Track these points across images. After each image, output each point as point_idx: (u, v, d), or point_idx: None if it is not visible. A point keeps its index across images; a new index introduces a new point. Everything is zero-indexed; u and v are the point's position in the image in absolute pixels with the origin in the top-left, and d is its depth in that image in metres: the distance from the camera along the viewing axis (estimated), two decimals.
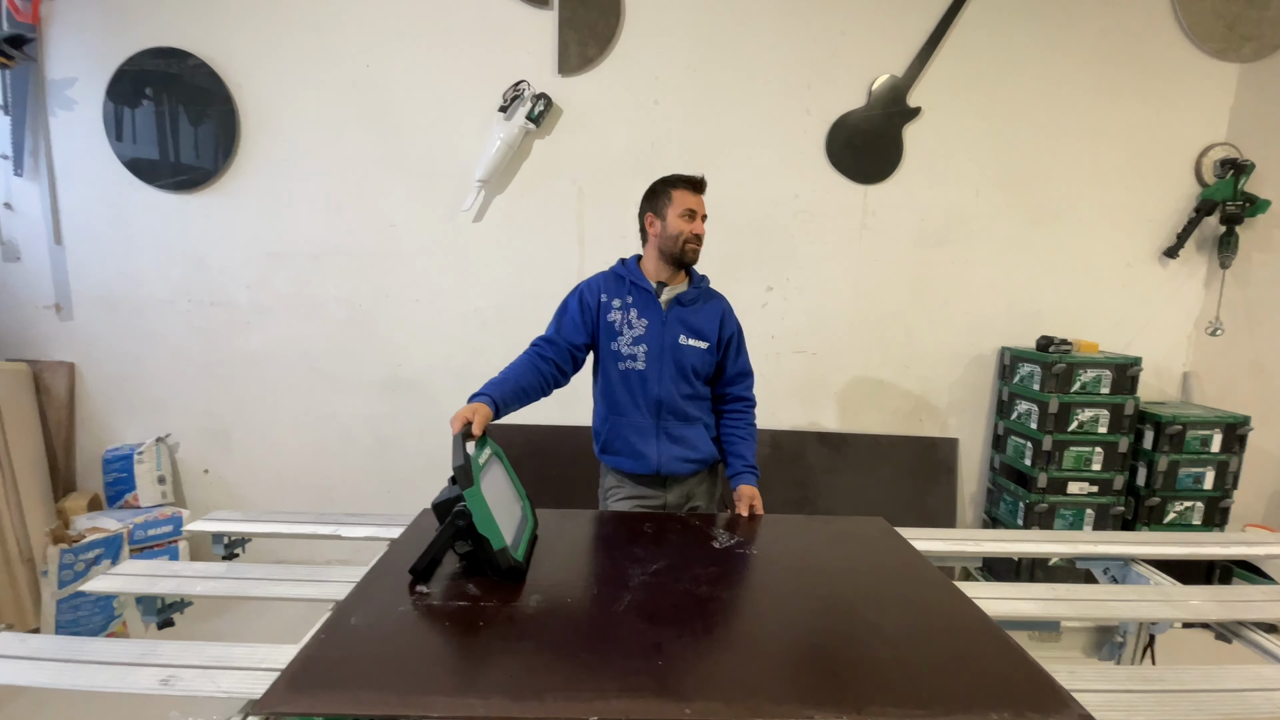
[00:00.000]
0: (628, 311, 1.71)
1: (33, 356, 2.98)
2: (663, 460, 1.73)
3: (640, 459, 1.74)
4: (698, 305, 1.75)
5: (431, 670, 1.07)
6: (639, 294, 1.72)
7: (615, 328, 1.71)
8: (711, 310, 1.76)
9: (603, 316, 1.72)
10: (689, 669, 1.07)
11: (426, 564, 1.33)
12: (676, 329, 1.70)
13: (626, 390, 1.72)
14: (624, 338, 1.70)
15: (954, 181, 2.89)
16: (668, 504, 1.80)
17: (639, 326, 1.70)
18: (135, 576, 1.42)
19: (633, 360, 1.70)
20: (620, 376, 1.72)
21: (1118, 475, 2.73)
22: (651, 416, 1.72)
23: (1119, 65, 2.83)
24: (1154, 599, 1.40)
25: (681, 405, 1.72)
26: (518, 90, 2.70)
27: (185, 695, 1.04)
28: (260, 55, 2.76)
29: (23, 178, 2.88)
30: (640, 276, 1.73)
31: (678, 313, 1.72)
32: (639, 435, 1.73)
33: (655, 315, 1.71)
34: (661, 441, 1.73)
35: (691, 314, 1.73)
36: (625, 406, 1.73)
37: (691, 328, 1.71)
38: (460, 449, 1.35)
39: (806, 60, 2.79)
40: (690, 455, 1.75)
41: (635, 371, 1.70)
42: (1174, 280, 2.98)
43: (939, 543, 1.69)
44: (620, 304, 1.72)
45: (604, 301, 1.73)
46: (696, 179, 1.72)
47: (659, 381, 1.70)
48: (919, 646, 1.15)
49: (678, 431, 1.73)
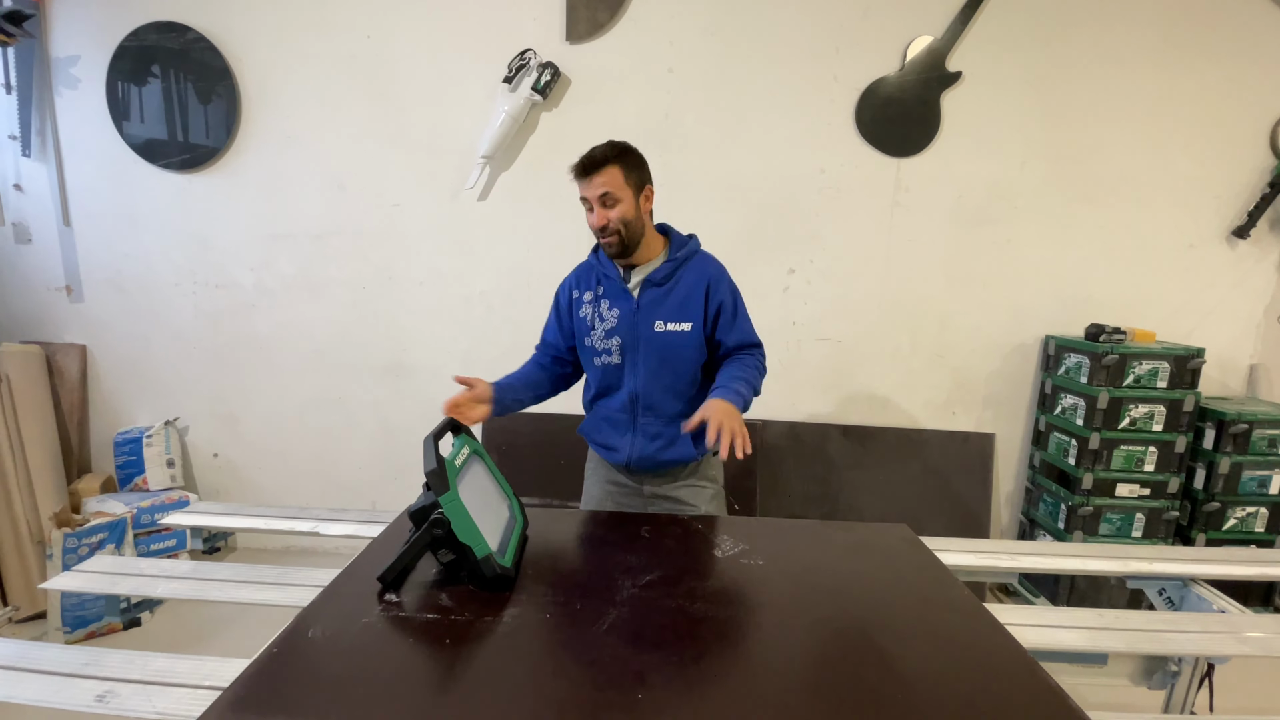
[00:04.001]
0: (598, 304, 1.56)
1: (45, 339, 2.99)
2: (633, 456, 1.60)
3: (612, 451, 1.64)
4: (675, 281, 1.54)
5: (386, 695, 0.96)
6: (607, 283, 1.56)
7: (587, 322, 1.58)
8: (693, 283, 1.54)
9: (575, 313, 1.61)
10: (671, 704, 0.94)
11: (396, 573, 1.22)
12: (650, 315, 1.53)
13: (604, 384, 1.61)
14: (596, 332, 1.56)
15: (997, 154, 2.65)
16: (644, 492, 1.67)
17: (610, 318, 1.54)
18: (99, 574, 1.34)
19: (607, 355, 1.56)
20: (599, 372, 1.60)
21: (1173, 477, 2.50)
22: (627, 412, 1.59)
23: (1185, 24, 2.54)
24: (1218, 630, 1.22)
25: (659, 401, 1.56)
26: (523, 60, 2.54)
27: (118, 715, 0.94)
28: (259, 27, 2.66)
29: (31, 158, 2.86)
30: (608, 264, 1.57)
31: (651, 296, 1.53)
32: (613, 428, 1.62)
33: (626, 303, 1.54)
34: (637, 437, 1.59)
35: (667, 294, 1.53)
36: (602, 399, 1.64)
37: (669, 310, 1.53)
38: (432, 452, 1.23)
39: (835, 23, 2.57)
40: (665, 453, 1.59)
41: (611, 365, 1.57)
42: (1243, 263, 2.70)
43: (970, 556, 1.52)
44: (591, 296, 1.58)
45: (575, 298, 1.62)
46: (581, 159, 1.47)
47: (634, 375, 1.56)
48: (939, 684, 1.00)
49: (654, 428, 1.58)
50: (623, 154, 1.48)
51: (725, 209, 2.67)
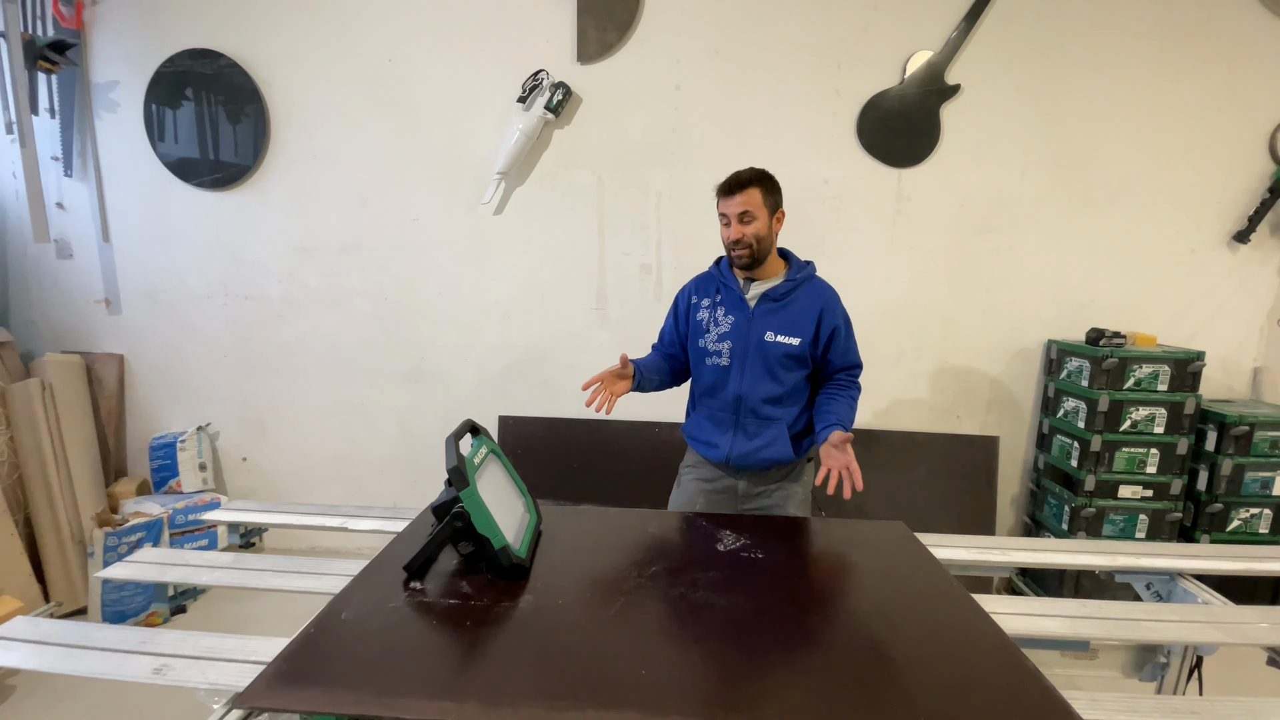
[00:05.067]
0: (715, 309, 1.74)
1: (85, 349, 3.15)
2: (733, 454, 1.74)
3: (713, 448, 1.77)
4: (791, 299, 1.70)
5: (412, 670, 1.05)
6: (727, 292, 1.74)
7: (703, 325, 1.75)
8: (808, 304, 1.70)
9: (691, 316, 1.79)
10: (672, 681, 1.02)
11: (420, 563, 1.32)
12: (763, 325, 1.68)
13: (711, 383, 1.76)
14: (710, 335, 1.73)
15: (997, 163, 2.72)
16: (738, 491, 1.80)
17: (725, 324, 1.72)
18: (149, 565, 1.46)
19: (718, 356, 1.72)
20: (707, 371, 1.76)
21: (1175, 479, 2.53)
22: (730, 411, 1.74)
23: (1183, 34, 2.60)
24: (1197, 619, 1.27)
25: (761, 405, 1.71)
26: (536, 80, 2.66)
27: (175, 685, 1.05)
28: (287, 53, 2.81)
29: (72, 178, 3.02)
30: (729, 275, 1.75)
31: (766, 308, 1.70)
32: (716, 426, 1.76)
33: (742, 312, 1.71)
34: (737, 436, 1.74)
35: (782, 309, 1.70)
36: (708, 398, 1.78)
37: (781, 323, 1.69)
38: (454, 450, 1.33)
39: (836, 38, 2.66)
40: (764, 454, 1.73)
41: (720, 366, 1.73)
42: (1245, 267, 2.74)
43: (964, 551, 1.59)
44: (709, 302, 1.76)
45: (693, 302, 1.80)
46: (728, 179, 1.66)
47: (741, 378, 1.71)
48: (924, 666, 1.07)
49: (754, 429, 1.73)
50: (765, 178, 1.66)
51: None
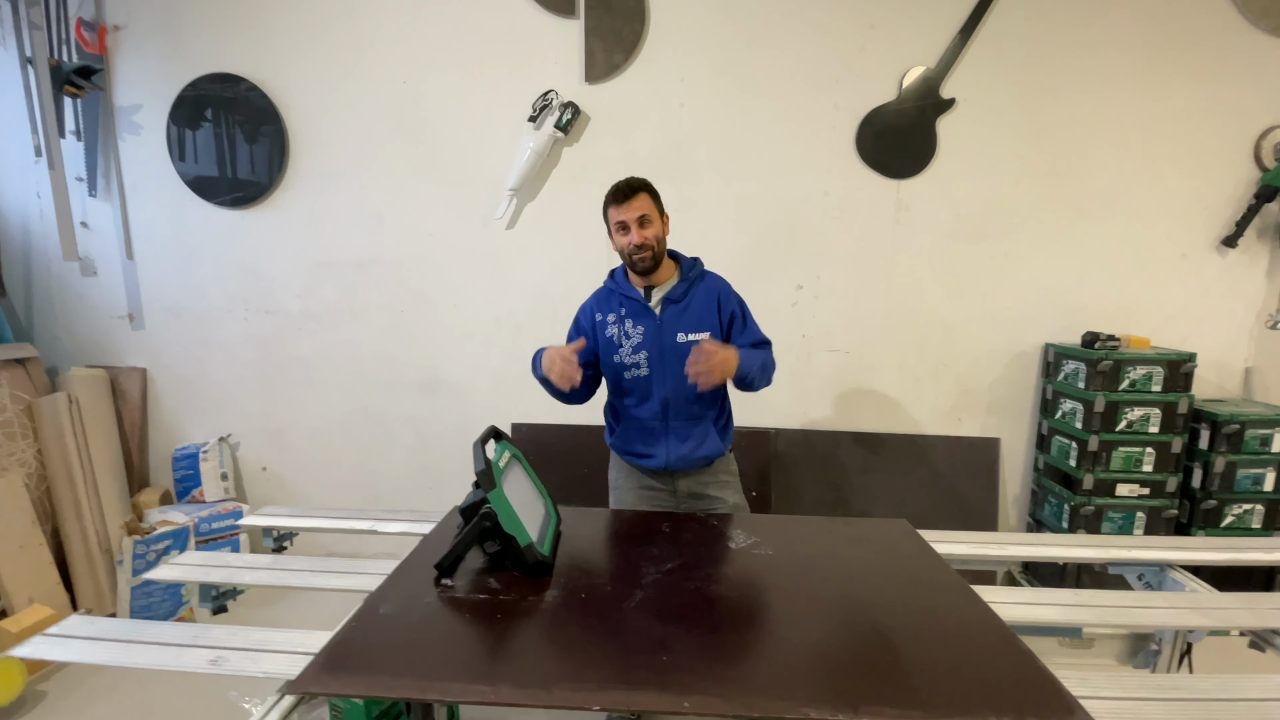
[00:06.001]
0: (623, 323, 1.76)
1: (109, 363, 3.24)
2: (670, 458, 1.79)
3: (648, 458, 1.81)
4: (690, 297, 1.76)
5: (449, 658, 1.14)
6: (630, 304, 1.77)
7: (614, 341, 1.77)
8: (705, 297, 1.76)
9: (600, 334, 1.80)
10: (691, 665, 1.10)
11: (451, 561, 1.41)
12: (673, 328, 1.74)
13: (634, 395, 1.80)
14: (624, 348, 1.76)
15: (992, 173, 2.81)
16: (677, 491, 1.85)
17: (636, 335, 1.75)
18: (193, 566, 1.55)
19: (636, 368, 1.76)
20: (628, 384, 1.79)
21: (1171, 477, 2.60)
22: (659, 419, 1.78)
23: (1169, 47, 2.69)
24: (1184, 606, 1.35)
25: (686, 405, 1.76)
26: (546, 100, 2.77)
27: (231, 675, 1.13)
28: (305, 76, 2.92)
29: (96, 198, 3.13)
30: (628, 287, 1.78)
31: (671, 311, 1.75)
32: (648, 435, 1.80)
33: (650, 320, 1.75)
34: (670, 441, 1.79)
35: (685, 308, 1.75)
36: (633, 409, 1.81)
37: (688, 322, 1.74)
38: (481, 454, 1.42)
39: (834, 56, 2.76)
40: (697, 452, 1.79)
41: (640, 377, 1.76)
42: (1234, 271, 2.82)
43: (964, 546, 1.67)
44: (615, 317, 1.78)
45: (599, 320, 1.80)
46: (619, 189, 1.68)
47: (663, 383, 1.75)
48: (926, 649, 1.15)
49: (685, 430, 1.78)
50: (650, 185, 1.73)
51: (736, 231, 2.86)
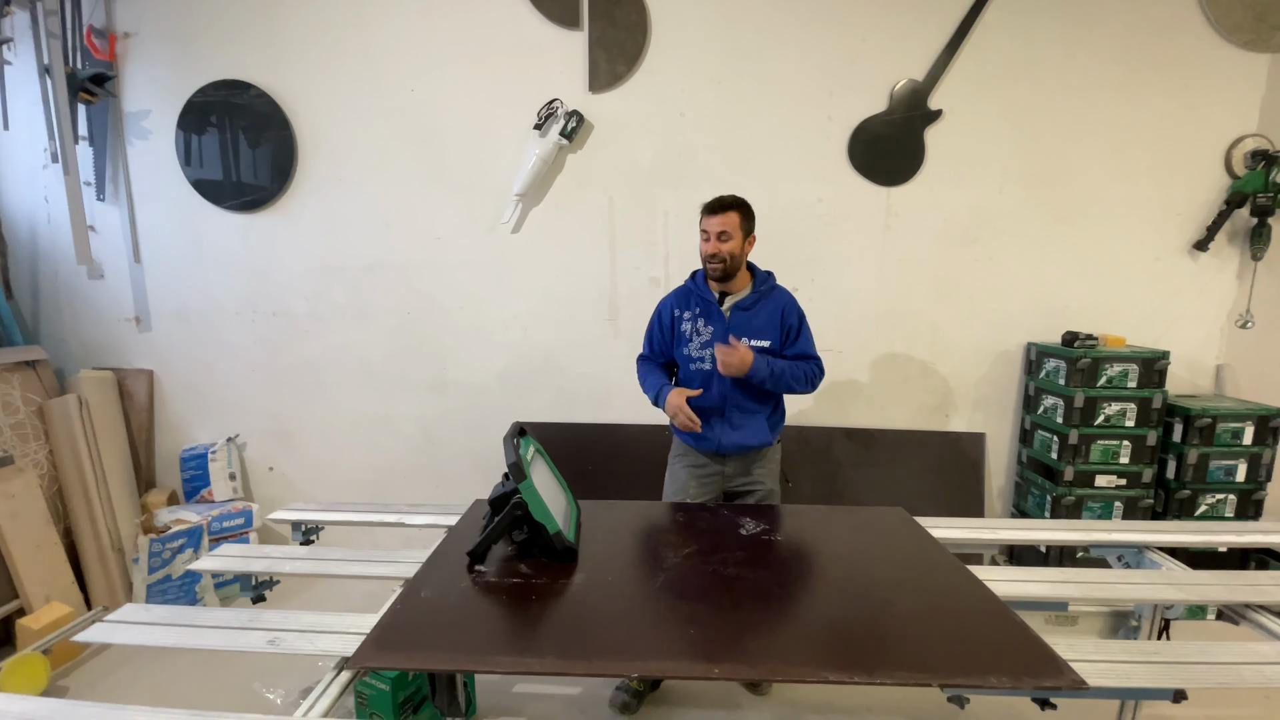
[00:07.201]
0: (696, 321, 2.00)
1: (117, 365, 3.27)
2: (724, 441, 1.99)
3: (703, 439, 2.01)
4: (758, 307, 1.98)
5: (494, 634, 1.23)
6: (704, 305, 2.00)
7: (686, 335, 2.03)
8: (771, 309, 1.99)
9: (676, 328, 2.06)
10: (717, 637, 1.21)
11: (484, 548, 1.50)
12: (738, 332, 1.95)
13: (697, 384, 2.00)
14: (693, 343, 1.99)
15: (977, 181, 2.95)
16: (725, 474, 2.04)
17: (705, 333, 1.98)
18: (233, 557, 1.62)
19: (702, 362, 1.98)
20: (693, 374, 2.00)
21: (1146, 468, 2.75)
22: (717, 407, 1.98)
23: (1144, 60, 2.85)
24: (1161, 582, 1.48)
25: (742, 399, 1.97)
26: (551, 108, 2.86)
27: (288, 653, 1.21)
28: (315, 84, 2.98)
29: (105, 202, 3.16)
30: (705, 290, 2.01)
31: (740, 318, 1.97)
32: (704, 420, 1.98)
33: (719, 323, 1.97)
34: (724, 427, 1.99)
35: (752, 317, 1.97)
36: (695, 398, 2.00)
37: (752, 329, 1.96)
38: (512, 448, 1.51)
39: (828, 68, 2.89)
40: (748, 441, 1.99)
41: (705, 370, 1.98)
42: (1205, 273, 2.98)
43: (956, 530, 1.78)
44: (690, 315, 2.02)
45: (676, 315, 2.07)
46: (712, 202, 1.94)
47: (724, 379, 1.95)
48: (929, 621, 1.27)
49: (739, 420, 1.99)
50: (743, 206, 1.97)
51: None
